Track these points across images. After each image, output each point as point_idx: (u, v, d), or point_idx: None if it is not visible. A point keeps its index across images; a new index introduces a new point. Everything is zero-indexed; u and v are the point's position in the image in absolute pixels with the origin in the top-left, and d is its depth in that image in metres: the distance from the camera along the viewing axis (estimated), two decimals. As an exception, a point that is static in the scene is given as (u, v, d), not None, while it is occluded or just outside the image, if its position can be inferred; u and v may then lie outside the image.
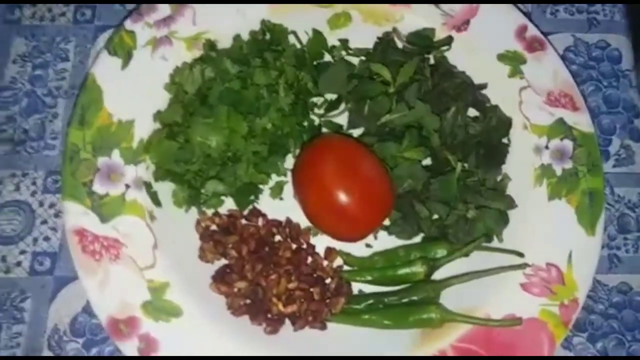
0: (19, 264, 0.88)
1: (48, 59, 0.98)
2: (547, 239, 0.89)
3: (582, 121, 0.94)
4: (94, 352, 0.85)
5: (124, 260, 0.84)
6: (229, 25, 0.95)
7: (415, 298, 0.85)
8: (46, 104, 0.96)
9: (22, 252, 0.89)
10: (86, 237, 0.84)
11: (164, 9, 0.95)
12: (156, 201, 0.87)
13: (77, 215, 0.84)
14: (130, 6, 1.00)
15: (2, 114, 0.95)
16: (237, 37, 0.95)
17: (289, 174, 0.90)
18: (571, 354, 0.88)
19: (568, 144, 0.93)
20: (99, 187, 0.86)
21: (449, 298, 0.85)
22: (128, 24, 0.93)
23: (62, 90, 0.96)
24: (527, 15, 1.00)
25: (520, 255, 0.87)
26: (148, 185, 0.88)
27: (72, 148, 0.87)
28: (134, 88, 0.90)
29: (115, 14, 1.00)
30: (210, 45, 0.94)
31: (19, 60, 0.98)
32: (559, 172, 0.92)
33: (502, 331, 0.84)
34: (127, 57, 0.91)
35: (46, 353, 0.84)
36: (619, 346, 0.89)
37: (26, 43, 0.98)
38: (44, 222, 0.90)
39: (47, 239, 0.90)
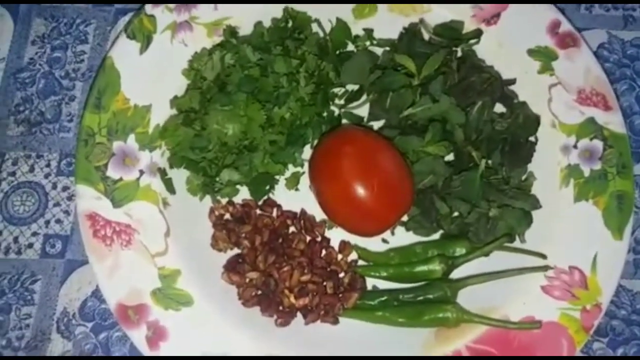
0: (30, 245, 0.88)
1: (67, 41, 0.98)
2: (572, 241, 0.86)
3: (614, 121, 0.91)
4: (102, 336, 0.85)
5: (135, 246, 0.83)
6: (250, 12, 0.94)
7: (431, 296, 0.83)
8: (63, 86, 0.95)
9: (34, 234, 0.89)
10: (98, 221, 0.83)
11: (186, -7, 0.94)
12: (170, 188, 0.86)
13: (89, 199, 0.84)
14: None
15: (19, 94, 0.95)
16: (258, 24, 0.93)
17: (306, 165, 0.88)
18: (590, 361, 0.86)
19: (598, 144, 0.90)
20: (112, 172, 0.86)
21: (466, 297, 0.83)
22: (148, 8, 0.92)
23: (79, 72, 0.96)
24: (560, 9, 0.97)
25: (543, 257, 0.85)
26: (162, 172, 0.87)
27: (87, 131, 0.86)
28: (152, 73, 0.90)
29: (137, -3, 1.00)
30: (231, 31, 0.92)
31: (38, 41, 0.97)
32: (587, 172, 0.89)
33: (520, 334, 0.82)
34: (146, 42, 0.90)
35: (55, 336, 0.84)
36: (640, 353, 0.87)
37: (45, 24, 0.98)
38: (57, 204, 0.90)
39: (59, 221, 0.89)
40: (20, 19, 0.98)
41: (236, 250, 0.85)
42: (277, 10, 0.94)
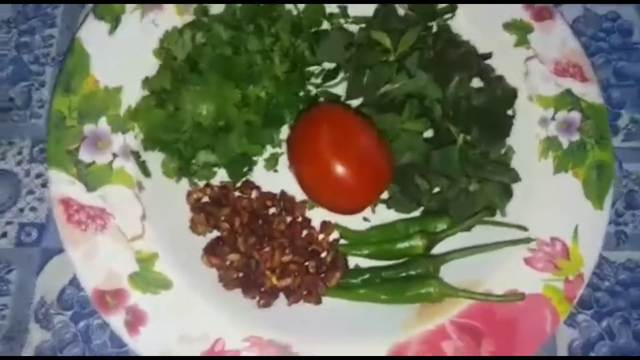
0: (4, 234, 0.86)
1: (34, 25, 0.95)
2: (552, 213, 0.86)
3: (590, 92, 0.91)
4: (81, 325, 0.83)
5: (111, 230, 0.82)
6: (222, -10, 0.92)
7: (413, 272, 0.83)
8: (33, 71, 0.93)
9: (8, 222, 0.87)
10: (72, 206, 0.82)
11: (155, -28, 0.92)
12: (145, 171, 0.85)
13: (62, 184, 0.82)
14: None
15: (-14, 81, 0.93)
16: (230, 2, 0.91)
17: (284, 145, 0.87)
18: (576, 332, 0.86)
19: (575, 115, 0.90)
20: (85, 156, 0.84)
21: (449, 272, 0.83)
22: (117, -13, 0.90)
23: (49, 57, 0.94)
24: (534, -18, 0.97)
25: (524, 229, 0.85)
26: (136, 155, 0.85)
27: (57, 115, 0.85)
28: (122, 54, 0.88)
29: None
30: (202, 10, 0.90)
31: (4, 26, 0.95)
32: (565, 144, 0.89)
33: (504, 307, 0.82)
34: (115, 22, 0.89)
35: (33, 325, 0.83)
36: (625, 325, 0.87)
37: (11, 8, 0.96)
38: (31, 192, 0.88)
39: (33, 209, 0.88)
40: (-16, 3, 0.96)
41: (216, 233, 0.84)
42: (249, -12, 0.92)
